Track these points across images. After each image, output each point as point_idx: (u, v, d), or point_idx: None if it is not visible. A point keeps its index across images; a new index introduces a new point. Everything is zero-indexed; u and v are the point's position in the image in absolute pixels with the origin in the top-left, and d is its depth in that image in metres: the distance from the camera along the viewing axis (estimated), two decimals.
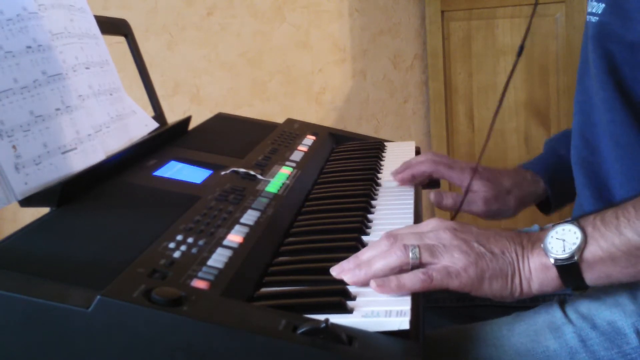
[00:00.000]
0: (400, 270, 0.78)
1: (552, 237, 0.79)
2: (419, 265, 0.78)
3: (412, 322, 0.67)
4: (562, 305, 0.88)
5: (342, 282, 0.77)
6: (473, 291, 0.79)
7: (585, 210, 0.98)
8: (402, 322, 0.67)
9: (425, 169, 1.15)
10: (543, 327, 0.86)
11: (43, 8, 0.99)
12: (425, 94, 2.73)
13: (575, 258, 0.78)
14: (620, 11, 0.91)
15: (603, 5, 0.94)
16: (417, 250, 0.78)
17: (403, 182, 1.13)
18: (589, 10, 0.98)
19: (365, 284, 0.77)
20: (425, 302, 0.79)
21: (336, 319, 0.65)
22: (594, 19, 0.96)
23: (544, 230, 0.82)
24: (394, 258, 0.78)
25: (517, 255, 0.80)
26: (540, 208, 1.25)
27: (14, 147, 0.85)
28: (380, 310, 0.69)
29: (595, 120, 0.98)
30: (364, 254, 0.80)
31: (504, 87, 1.12)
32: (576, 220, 0.80)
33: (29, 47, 0.91)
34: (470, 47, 2.55)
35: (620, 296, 0.85)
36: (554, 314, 0.87)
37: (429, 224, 0.83)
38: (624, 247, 0.77)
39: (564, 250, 0.78)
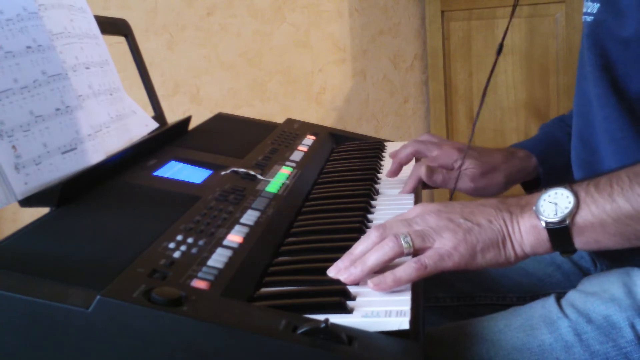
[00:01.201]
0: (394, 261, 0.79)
1: (544, 200, 0.80)
2: (412, 252, 0.79)
3: (412, 322, 0.67)
4: (558, 299, 0.88)
5: (341, 282, 0.77)
6: (468, 266, 0.79)
7: None
8: (402, 322, 0.67)
9: (409, 150, 1.17)
10: (539, 322, 0.86)
11: (43, 8, 0.99)
12: (425, 94, 2.73)
13: (567, 222, 0.79)
14: (614, 9, 0.93)
15: (597, 4, 0.96)
16: (409, 238, 0.79)
17: (394, 174, 1.15)
18: (585, 10, 0.99)
19: (362, 281, 0.77)
20: (425, 302, 0.80)
21: (336, 319, 0.65)
22: (589, 18, 0.98)
23: (534, 193, 0.83)
24: (387, 249, 0.78)
25: (504, 221, 0.81)
26: (527, 188, 1.25)
27: (14, 147, 0.85)
28: (380, 310, 0.69)
29: (593, 122, 0.99)
30: (356, 249, 0.81)
31: (484, 86, 1.13)
32: (569, 184, 0.81)
33: (29, 47, 0.91)
34: (470, 47, 2.56)
35: (616, 291, 0.86)
36: (550, 308, 0.87)
37: (414, 210, 0.85)
38: (614, 214, 0.78)
39: (556, 214, 0.79)
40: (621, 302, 0.84)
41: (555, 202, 0.80)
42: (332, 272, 0.80)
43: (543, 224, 0.80)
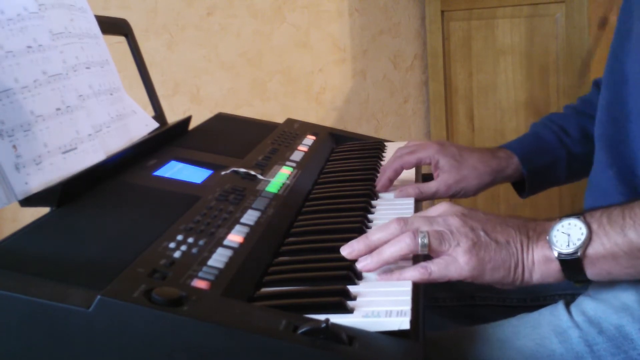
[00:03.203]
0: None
1: (557, 230, 0.80)
2: (427, 252, 0.79)
3: (413, 322, 0.67)
4: (568, 307, 0.87)
5: (342, 282, 0.77)
6: (474, 280, 0.80)
7: (605, 191, 0.96)
8: (403, 322, 0.67)
9: (395, 167, 1.13)
10: (548, 331, 0.85)
11: (43, 8, 0.99)
12: (425, 94, 2.73)
13: (579, 254, 0.78)
14: None
15: None
16: (426, 237, 0.79)
17: (385, 189, 1.11)
18: None
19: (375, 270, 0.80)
20: (426, 302, 0.79)
21: (336, 319, 0.65)
22: None
23: (550, 220, 0.82)
24: (404, 245, 0.79)
25: (521, 245, 0.80)
26: (517, 189, 1.24)
27: (14, 147, 0.85)
28: (380, 310, 0.69)
29: (626, 99, 0.95)
30: (373, 235, 0.82)
31: None
32: (583, 215, 0.80)
33: (29, 47, 0.91)
34: (470, 47, 2.55)
35: (628, 300, 0.84)
36: (560, 316, 0.86)
37: (438, 209, 0.84)
38: (626, 248, 0.77)
39: (568, 245, 0.79)
40: (634, 311, 0.83)
41: (568, 233, 0.79)
42: (346, 251, 0.82)
43: (555, 254, 0.79)
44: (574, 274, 0.79)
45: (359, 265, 0.80)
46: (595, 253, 0.78)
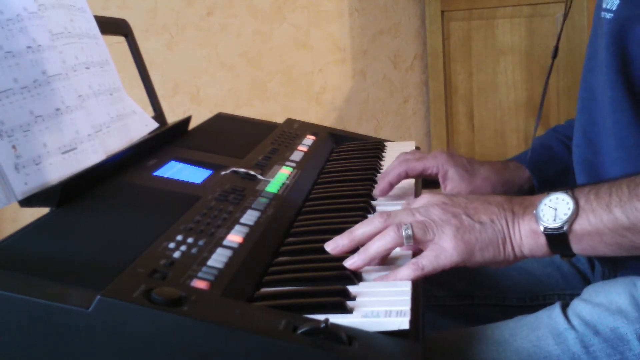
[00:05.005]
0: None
1: (545, 204, 0.81)
2: (412, 244, 0.80)
3: (412, 322, 0.67)
4: (564, 310, 0.87)
5: (341, 282, 0.77)
6: (466, 263, 0.80)
7: None
8: (402, 322, 0.67)
9: (399, 171, 1.08)
10: (545, 333, 0.85)
11: (43, 8, 0.99)
12: (425, 94, 2.73)
13: (565, 228, 0.79)
14: (635, 7, 0.90)
15: (617, 1, 0.92)
16: (410, 230, 0.79)
17: (384, 194, 1.07)
18: (604, 6, 0.96)
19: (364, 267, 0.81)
20: (425, 301, 0.80)
21: (336, 319, 0.65)
22: (608, 15, 0.94)
23: (537, 195, 0.83)
24: (389, 239, 0.80)
25: (507, 221, 0.81)
26: None
27: (14, 147, 0.85)
28: (380, 310, 0.69)
29: (598, 120, 0.97)
30: (357, 230, 0.83)
31: (542, 93, 1.11)
32: (571, 190, 0.81)
33: (29, 47, 0.91)
34: (470, 47, 2.56)
35: (623, 302, 0.85)
36: (557, 319, 0.86)
37: (419, 200, 0.85)
38: (611, 225, 0.78)
39: (554, 220, 0.80)
40: (628, 314, 0.83)
41: (555, 208, 0.80)
42: (330, 246, 0.83)
43: (542, 228, 0.80)
44: (560, 249, 0.81)
45: (347, 264, 0.80)
46: (581, 229, 0.79)
